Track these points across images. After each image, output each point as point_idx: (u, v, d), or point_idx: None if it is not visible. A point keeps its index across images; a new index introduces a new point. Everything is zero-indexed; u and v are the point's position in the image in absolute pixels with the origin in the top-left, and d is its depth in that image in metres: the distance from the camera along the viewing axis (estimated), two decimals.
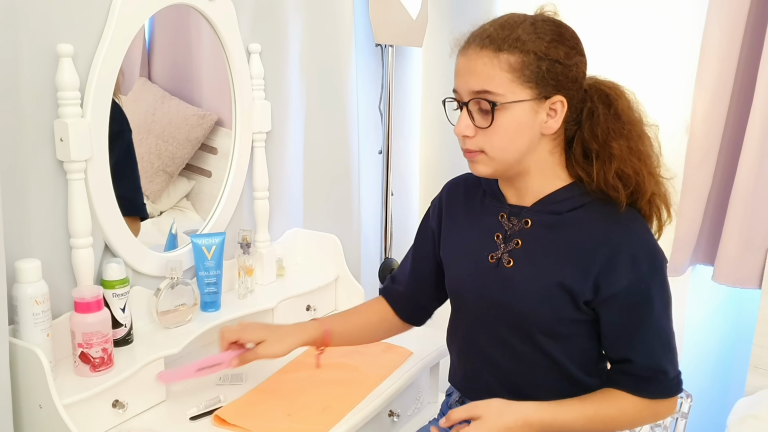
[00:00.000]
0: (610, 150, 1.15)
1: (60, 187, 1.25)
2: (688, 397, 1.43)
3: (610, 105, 1.17)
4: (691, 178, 2.12)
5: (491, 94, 1.10)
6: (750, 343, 2.10)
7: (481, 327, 1.26)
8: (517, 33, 1.10)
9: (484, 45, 1.10)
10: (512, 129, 1.12)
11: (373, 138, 2.23)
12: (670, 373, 1.17)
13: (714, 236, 2.19)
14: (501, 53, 1.09)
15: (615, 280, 1.13)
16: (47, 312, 1.18)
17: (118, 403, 1.24)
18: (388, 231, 2.23)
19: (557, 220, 1.18)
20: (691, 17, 2.16)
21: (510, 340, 1.22)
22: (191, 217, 1.71)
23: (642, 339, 1.16)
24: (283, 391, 1.39)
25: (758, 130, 1.99)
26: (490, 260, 1.22)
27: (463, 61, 1.13)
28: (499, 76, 1.09)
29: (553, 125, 1.14)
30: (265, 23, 1.67)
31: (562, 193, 1.18)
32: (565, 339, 1.19)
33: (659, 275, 1.15)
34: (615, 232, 1.14)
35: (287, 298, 1.65)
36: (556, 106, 1.12)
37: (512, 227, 1.21)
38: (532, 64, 1.09)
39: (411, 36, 2.08)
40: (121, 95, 1.44)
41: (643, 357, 1.16)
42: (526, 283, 1.18)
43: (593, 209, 1.17)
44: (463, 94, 1.13)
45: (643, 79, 2.27)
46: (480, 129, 1.12)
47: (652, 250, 1.15)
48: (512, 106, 1.10)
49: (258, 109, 1.65)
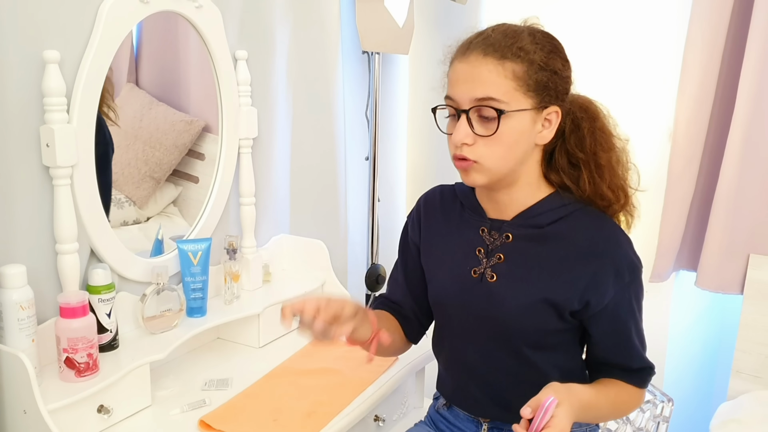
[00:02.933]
0: (598, 160, 1.18)
1: (46, 193, 1.26)
2: (669, 401, 1.45)
3: (591, 118, 1.20)
4: (674, 185, 2.14)
5: (497, 101, 1.08)
6: (732, 348, 2.13)
7: (467, 340, 1.26)
8: (520, 42, 1.10)
9: (487, 52, 1.09)
10: (513, 138, 1.11)
11: (359, 144, 2.24)
12: (649, 363, 1.25)
13: (697, 242, 2.21)
14: (506, 61, 1.09)
15: (603, 293, 1.16)
16: (32, 317, 1.18)
17: (103, 408, 1.24)
18: (374, 237, 2.23)
19: (539, 234, 1.18)
20: (674, 26, 2.19)
21: (496, 353, 1.23)
22: (178, 223, 1.71)
23: (633, 345, 1.22)
24: (268, 396, 1.39)
25: (739, 138, 2.01)
26: (473, 275, 1.22)
27: (463, 68, 1.11)
28: (504, 84, 1.08)
29: (547, 135, 1.14)
30: (252, 30, 1.68)
31: (543, 204, 1.19)
32: (550, 349, 1.21)
33: (636, 281, 1.20)
34: (600, 244, 1.16)
35: (274, 304, 1.65)
36: (551, 116, 1.13)
37: (494, 242, 1.22)
38: (535, 73, 1.10)
39: (397, 43, 2.09)
40: (111, 110, 1.45)
41: (635, 360, 1.23)
42: (511, 298, 1.18)
43: (574, 220, 1.18)
44: (463, 102, 1.11)
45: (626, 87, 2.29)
46: (480, 137, 1.11)
47: (633, 261, 1.19)
48: (515, 115, 1.10)
49: (244, 115, 1.66)
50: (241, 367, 1.52)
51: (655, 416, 1.47)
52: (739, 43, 2.03)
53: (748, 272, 2.08)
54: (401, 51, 2.13)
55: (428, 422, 1.41)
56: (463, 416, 1.32)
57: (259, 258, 1.73)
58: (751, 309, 2.08)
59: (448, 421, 1.36)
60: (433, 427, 1.39)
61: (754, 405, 1.96)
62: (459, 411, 1.33)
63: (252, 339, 1.63)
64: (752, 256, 2.08)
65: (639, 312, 1.23)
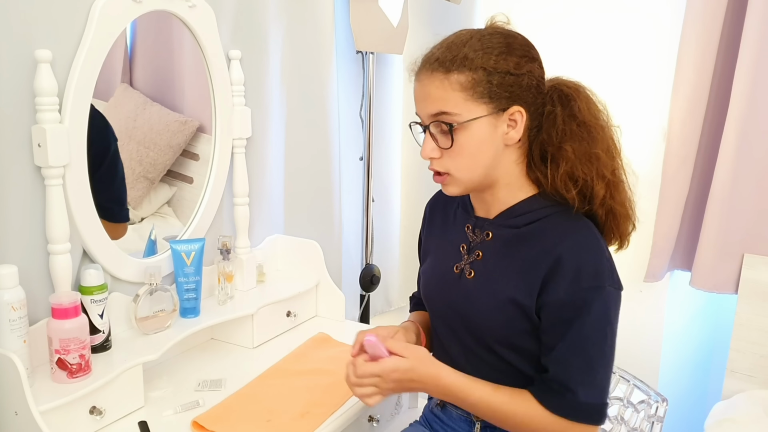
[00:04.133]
0: (564, 152, 1.16)
1: (38, 193, 1.25)
2: (664, 401, 1.45)
3: (567, 106, 1.17)
4: (669, 185, 2.15)
5: (448, 115, 1.11)
6: (727, 347, 2.13)
7: (450, 335, 1.28)
8: (464, 51, 1.11)
9: (434, 68, 1.12)
10: (473, 146, 1.13)
11: (354, 144, 2.23)
12: (581, 396, 1.12)
13: (691, 242, 2.21)
14: (451, 74, 1.11)
15: (553, 290, 1.12)
16: (24, 318, 1.18)
17: (96, 409, 1.24)
18: (369, 237, 2.23)
19: (514, 234, 1.19)
20: (669, 26, 2.19)
21: (475, 349, 1.24)
22: (173, 223, 1.71)
23: (561, 351, 1.13)
24: (262, 397, 1.39)
25: (733, 137, 2.02)
26: (455, 271, 1.25)
27: (417, 87, 1.16)
28: (453, 96, 1.11)
29: (514, 135, 1.15)
30: (246, 30, 1.68)
31: (523, 205, 1.19)
32: (523, 350, 1.19)
33: (601, 297, 1.11)
34: (562, 244, 1.13)
35: (267, 305, 1.65)
36: (515, 116, 1.13)
37: (475, 239, 1.24)
38: (483, 80, 1.10)
39: (392, 43, 2.09)
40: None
41: (556, 369, 1.13)
42: (483, 296, 1.20)
43: (549, 223, 1.17)
44: (424, 118, 1.16)
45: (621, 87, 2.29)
46: (444, 150, 1.14)
47: (598, 270, 1.12)
48: (470, 125, 1.11)
49: (238, 115, 1.65)
50: (235, 368, 1.52)
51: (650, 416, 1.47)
52: (733, 43, 2.03)
53: (743, 272, 2.09)
54: (395, 51, 2.13)
55: (423, 422, 1.41)
56: (457, 416, 1.32)
57: (252, 258, 1.72)
58: (745, 309, 2.08)
59: (442, 421, 1.35)
60: (427, 427, 1.39)
61: (749, 404, 1.96)
62: (453, 411, 1.33)
63: (246, 339, 1.63)
64: (747, 255, 2.09)
65: (596, 332, 1.12)
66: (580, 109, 1.17)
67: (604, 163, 1.17)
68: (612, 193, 1.18)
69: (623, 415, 1.56)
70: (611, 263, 1.15)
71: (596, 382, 1.13)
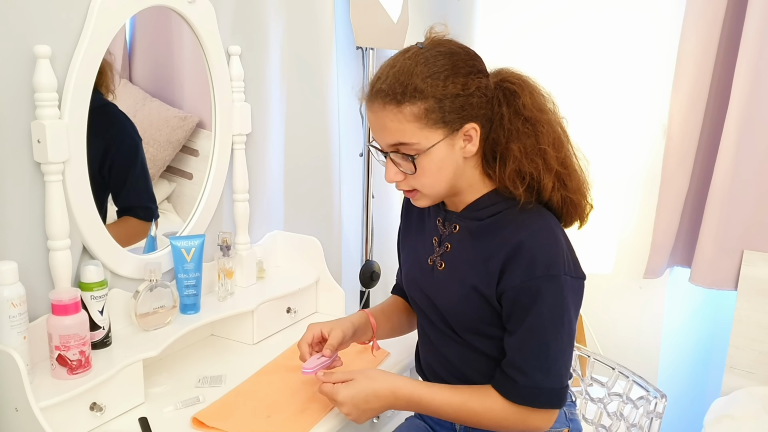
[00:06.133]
0: (510, 152, 1.18)
1: (37, 189, 1.25)
2: (663, 397, 1.45)
3: (512, 104, 1.18)
4: (669, 182, 2.15)
5: (407, 145, 1.14)
6: (726, 344, 2.13)
7: (430, 324, 1.33)
8: (414, 82, 1.12)
9: (385, 101, 1.13)
10: (435, 167, 1.16)
11: (354, 140, 2.23)
12: (538, 381, 1.15)
13: (691, 239, 2.22)
14: (403, 106, 1.12)
15: (509, 278, 1.16)
16: (24, 314, 1.17)
17: (96, 406, 1.23)
18: (369, 233, 2.23)
19: (478, 226, 1.23)
20: (669, 22, 2.19)
21: (451, 337, 1.28)
22: (172, 219, 1.71)
23: (518, 337, 1.16)
24: (261, 393, 1.39)
25: (734, 134, 2.02)
26: (428, 263, 1.30)
27: (371, 117, 1.18)
28: (408, 127, 1.13)
29: (471, 149, 1.18)
30: (246, 25, 1.68)
31: (485, 200, 1.23)
32: (492, 337, 1.23)
33: (555, 285, 1.14)
34: (519, 233, 1.16)
35: (267, 301, 1.65)
36: (469, 132, 1.16)
37: (445, 231, 1.28)
38: (435, 107, 1.12)
39: (392, 39, 2.08)
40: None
41: (513, 354, 1.17)
42: (452, 287, 1.24)
43: (509, 215, 1.20)
44: (383, 146, 1.18)
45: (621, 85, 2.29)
46: (407, 174, 1.17)
47: (552, 258, 1.14)
48: (429, 151, 1.14)
49: (238, 110, 1.65)
50: (235, 364, 1.52)
51: (649, 412, 1.47)
52: (734, 40, 2.03)
53: (742, 268, 2.09)
54: (395, 46, 2.12)
55: (418, 417, 1.44)
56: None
57: (252, 254, 1.72)
58: (744, 305, 2.08)
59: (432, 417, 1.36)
60: (422, 421, 1.42)
61: (748, 401, 1.97)
62: None
63: (246, 336, 1.63)
64: (746, 252, 2.09)
65: (552, 321, 1.15)
66: (524, 105, 1.18)
67: (551, 156, 1.19)
68: (564, 182, 1.21)
69: (622, 411, 1.56)
70: (569, 252, 1.18)
71: (553, 368, 1.16)
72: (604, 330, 2.44)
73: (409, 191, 1.22)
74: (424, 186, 1.19)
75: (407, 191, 1.23)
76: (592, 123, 2.28)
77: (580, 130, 1.31)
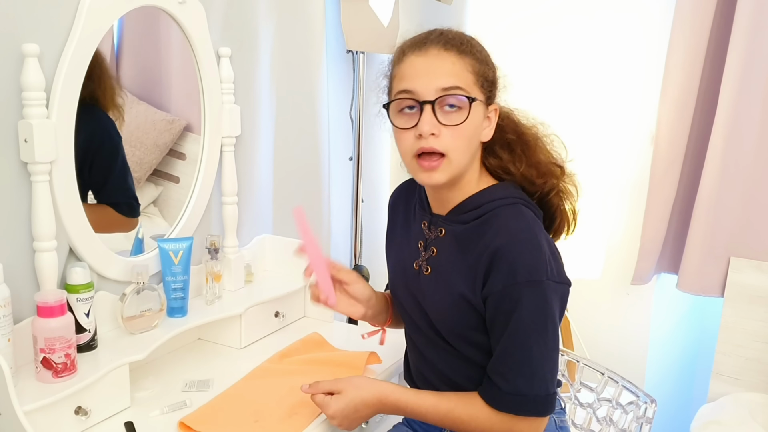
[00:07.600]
0: (524, 139, 1.25)
1: (23, 189, 1.23)
2: (652, 402, 1.45)
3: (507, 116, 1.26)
4: (656, 188, 2.16)
5: (464, 90, 1.13)
6: (713, 350, 2.14)
7: (416, 329, 1.32)
8: (473, 43, 1.17)
9: (448, 47, 1.14)
10: (473, 130, 1.16)
11: (343, 144, 2.23)
12: (521, 388, 1.14)
13: (678, 245, 2.23)
14: (465, 56, 1.15)
15: (491, 284, 1.14)
16: (8, 316, 1.15)
17: (81, 409, 1.22)
18: (358, 238, 2.23)
19: (462, 230, 1.21)
20: (657, 29, 2.21)
21: (438, 343, 1.27)
22: (158, 223, 1.69)
23: (503, 344, 1.15)
24: (249, 397, 1.37)
25: (721, 141, 2.03)
26: (414, 267, 1.28)
27: (423, 61, 1.14)
28: (466, 76, 1.14)
29: (489, 133, 1.21)
30: (236, 27, 1.67)
31: (471, 201, 1.22)
32: (478, 344, 1.21)
33: (537, 292, 1.12)
34: (500, 239, 1.14)
35: (255, 305, 1.64)
36: (491, 114, 1.19)
37: (431, 235, 1.27)
38: (483, 72, 1.16)
39: (382, 43, 2.08)
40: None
41: (497, 361, 1.16)
42: (437, 293, 1.23)
43: (493, 217, 1.18)
44: (427, 93, 1.12)
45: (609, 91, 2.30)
46: (446, 127, 1.13)
47: (533, 263, 1.12)
48: (476, 106, 1.15)
49: (227, 113, 1.64)
50: (223, 368, 1.50)
51: (638, 417, 1.47)
52: (721, 47, 2.05)
53: (729, 275, 2.10)
54: (386, 50, 2.12)
55: (405, 423, 1.43)
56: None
57: (241, 258, 1.71)
58: (731, 312, 2.09)
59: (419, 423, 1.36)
60: (409, 428, 1.41)
61: (735, 407, 1.97)
62: None
63: (233, 340, 1.61)
64: (733, 259, 2.10)
65: (534, 328, 1.13)
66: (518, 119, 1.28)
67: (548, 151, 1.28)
68: (524, 152, 1.26)
69: (612, 417, 1.56)
70: (551, 257, 1.15)
71: (537, 374, 1.14)
72: (591, 336, 2.44)
73: (434, 158, 1.14)
74: (456, 149, 1.13)
75: (433, 156, 1.14)
76: (580, 129, 2.29)
77: (569, 137, 1.31)
